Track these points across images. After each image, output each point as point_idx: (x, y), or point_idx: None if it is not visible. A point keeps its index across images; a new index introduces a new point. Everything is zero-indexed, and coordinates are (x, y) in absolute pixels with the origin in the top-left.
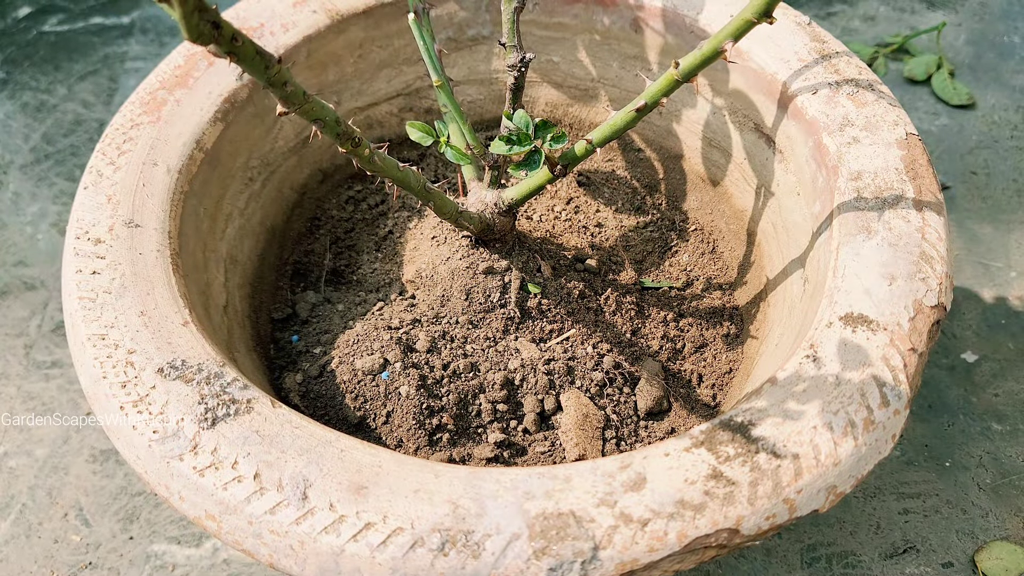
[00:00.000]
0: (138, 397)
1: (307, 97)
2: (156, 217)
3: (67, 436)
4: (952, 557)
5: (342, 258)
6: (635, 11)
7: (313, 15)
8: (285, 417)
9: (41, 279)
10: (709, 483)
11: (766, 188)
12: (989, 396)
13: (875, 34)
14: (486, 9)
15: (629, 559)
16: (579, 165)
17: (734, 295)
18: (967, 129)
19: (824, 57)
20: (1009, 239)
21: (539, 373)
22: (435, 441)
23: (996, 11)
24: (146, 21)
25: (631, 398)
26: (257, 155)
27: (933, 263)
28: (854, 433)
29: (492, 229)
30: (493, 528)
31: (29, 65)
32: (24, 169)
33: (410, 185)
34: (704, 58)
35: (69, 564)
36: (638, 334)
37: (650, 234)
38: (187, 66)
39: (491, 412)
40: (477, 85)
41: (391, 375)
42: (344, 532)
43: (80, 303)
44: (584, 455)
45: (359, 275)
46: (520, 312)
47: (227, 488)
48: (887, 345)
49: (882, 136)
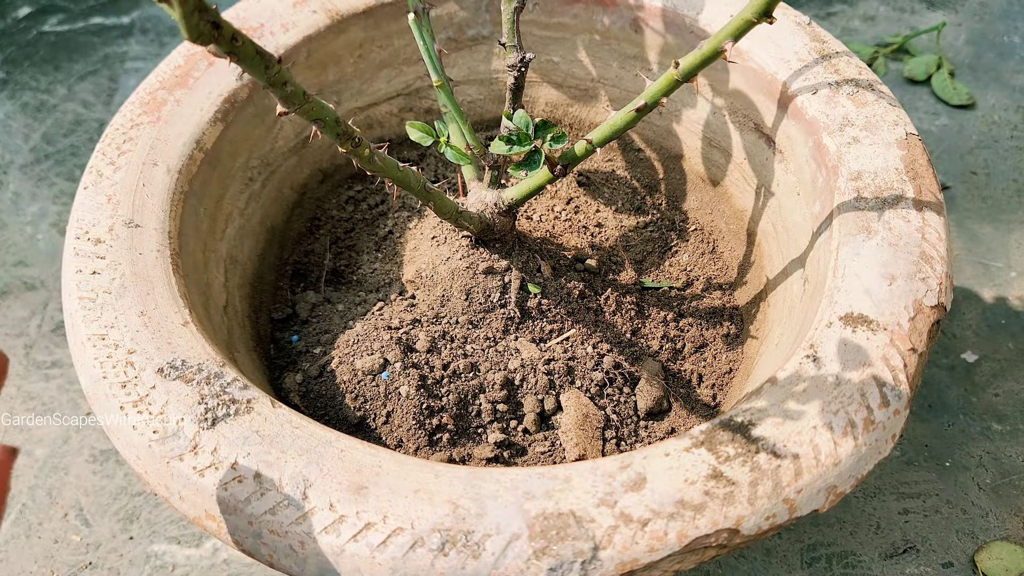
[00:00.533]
0: (138, 397)
1: (307, 97)
2: (156, 217)
3: (67, 436)
4: (952, 557)
5: (342, 258)
6: (635, 11)
7: (313, 15)
8: (285, 417)
9: (41, 279)
10: (709, 483)
11: (766, 188)
12: (989, 396)
13: (875, 34)
14: (486, 9)
15: (629, 559)
16: (579, 165)
17: (734, 295)
18: (967, 129)
19: (824, 57)
20: (1009, 239)
21: (539, 373)
22: (435, 441)
23: (996, 11)
24: (146, 21)
25: (631, 398)
26: (257, 155)
27: (933, 263)
28: (854, 433)
29: (492, 229)
30: (493, 528)
31: (29, 65)
32: (24, 169)
33: (410, 185)
34: (704, 58)
35: (69, 564)
36: (638, 334)
37: (650, 234)
38: (187, 66)
39: (491, 412)
40: (477, 85)
41: (391, 375)
42: (344, 532)
43: (80, 303)
44: (584, 455)
45: (359, 275)
46: (520, 312)
47: (227, 488)
48: (887, 345)
49: (882, 136)
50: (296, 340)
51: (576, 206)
